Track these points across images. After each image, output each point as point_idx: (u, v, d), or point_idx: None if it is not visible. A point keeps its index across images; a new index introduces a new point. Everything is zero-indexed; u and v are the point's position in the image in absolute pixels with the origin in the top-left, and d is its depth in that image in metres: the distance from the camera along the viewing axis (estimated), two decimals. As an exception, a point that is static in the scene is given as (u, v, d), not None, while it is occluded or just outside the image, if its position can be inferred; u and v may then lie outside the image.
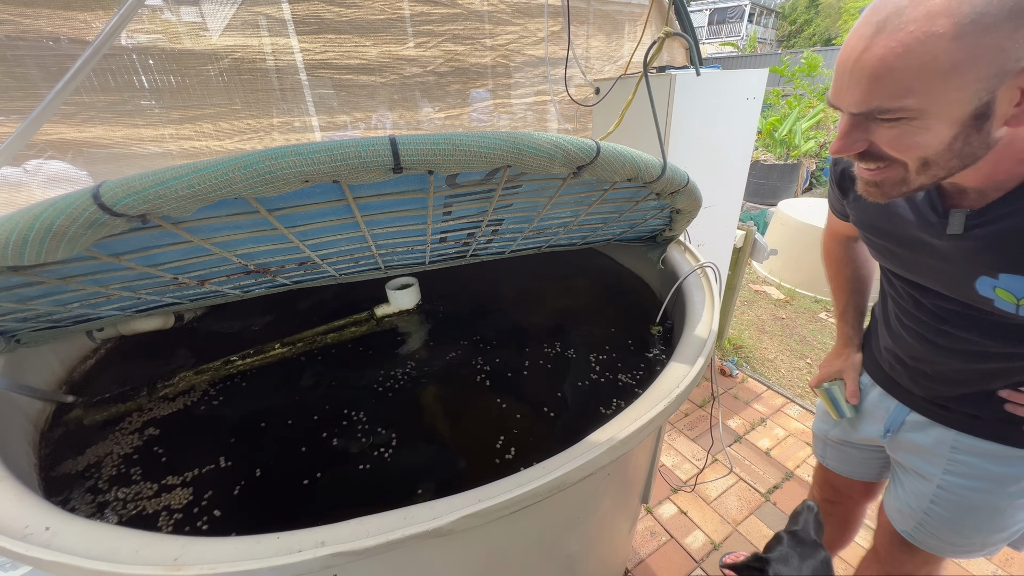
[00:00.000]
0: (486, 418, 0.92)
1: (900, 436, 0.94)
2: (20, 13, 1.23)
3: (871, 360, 1.02)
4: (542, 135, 0.56)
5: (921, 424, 0.90)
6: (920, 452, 0.91)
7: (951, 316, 0.75)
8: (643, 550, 1.69)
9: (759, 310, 3.52)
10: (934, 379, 0.84)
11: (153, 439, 0.89)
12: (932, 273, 0.74)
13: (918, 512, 0.93)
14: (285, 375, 1.08)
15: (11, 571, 1.13)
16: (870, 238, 0.84)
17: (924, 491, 0.91)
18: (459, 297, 1.41)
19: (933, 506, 0.90)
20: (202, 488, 0.78)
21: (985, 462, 0.83)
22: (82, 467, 0.82)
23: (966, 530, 0.88)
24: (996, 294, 0.65)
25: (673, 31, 1.16)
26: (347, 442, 0.87)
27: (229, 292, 1.01)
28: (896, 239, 0.77)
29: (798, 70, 7.59)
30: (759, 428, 2.27)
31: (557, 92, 2.33)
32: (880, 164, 0.59)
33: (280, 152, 0.46)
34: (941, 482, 0.88)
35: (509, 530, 0.68)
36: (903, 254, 0.78)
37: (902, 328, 0.86)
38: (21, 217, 0.44)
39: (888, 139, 0.55)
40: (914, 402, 0.91)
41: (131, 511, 0.73)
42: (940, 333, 0.78)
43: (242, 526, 0.71)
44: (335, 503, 0.75)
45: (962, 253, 0.67)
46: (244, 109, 1.62)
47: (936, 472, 0.88)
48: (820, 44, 21.35)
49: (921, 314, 0.80)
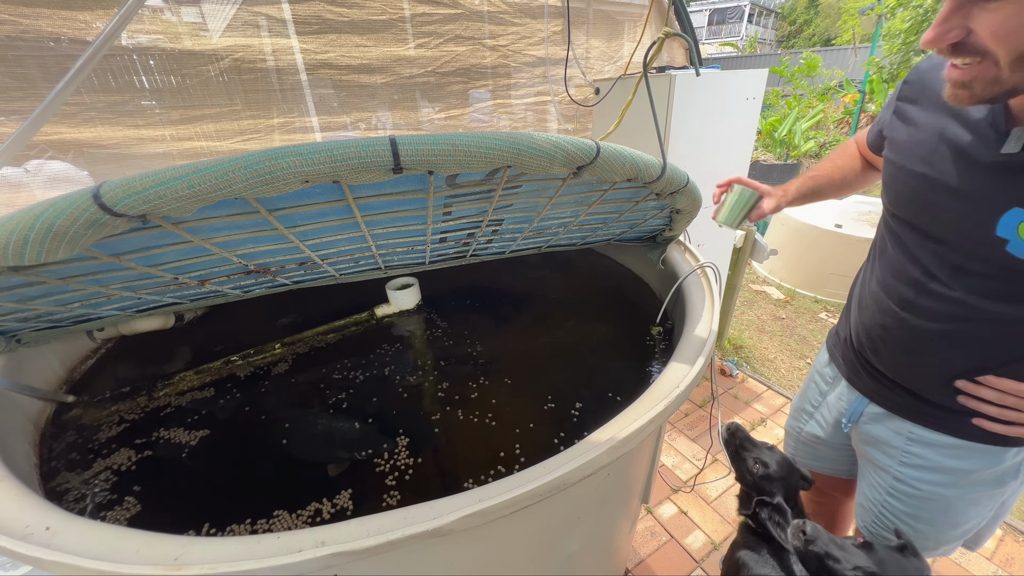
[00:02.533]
0: (486, 418, 0.92)
1: (860, 427, 0.95)
2: (20, 13, 1.23)
3: (839, 348, 1.01)
4: (542, 135, 0.56)
5: (879, 416, 0.91)
6: (878, 444, 0.92)
7: (945, 269, 0.74)
8: (643, 550, 1.69)
9: (759, 310, 3.52)
10: (898, 354, 0.83)
11: (153, 439, 0.89)
12: (948, 213, 0.72)
13: (876, 505, 0.94)
14: (285, 375, 1.08)
15: (11, 571, 1.13)
16: (899, 164, 0.81)
17: (881, 483, 0.92)
18: (459, 297, 1.41)
19: (889, 499, 0.91)
20: (202, 488, 0.78)
21: (939, 455, 0.83)
22: (82, 467, 0.82)
23: (919, 524, 0.89)
24: (1019, 232, 0.63)
25: (673, 31, 1.16)
26: (347, 442, 0.87)
27: (229, 292, 1.01)
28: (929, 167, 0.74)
29: (797, 70, 7.60)
30: (759, 428, 2.27)
31: (557, 92, 2.33)
32: (974, 59, 0.56)
33: (280, 152, 0.47)
34: (897, 474, 0.89)
35: (509, 530, 0.68)
36: (924, 189, 0.75)
37: (881, 291, 0.84)
38: (22, 217, 0.44)
39: (989, 25, 0.52)
40: (873, 391, 0.91)
41: (131, 511, 0.73)
42: (924, 292, 0.76)
43: (242, 526, 0.71)
44: (335, 503, 0.75)
45: (1000, 179, 0.65)
46: (244, 109, 1.62)
47: (893, 464, 0.89)
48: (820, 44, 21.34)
49: (911, 268, 0.79)
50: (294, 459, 0.84)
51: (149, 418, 0.94)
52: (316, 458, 0.84)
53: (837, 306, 3.52)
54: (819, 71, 7.60)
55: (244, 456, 0.86)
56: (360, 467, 0.81)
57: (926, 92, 0.77)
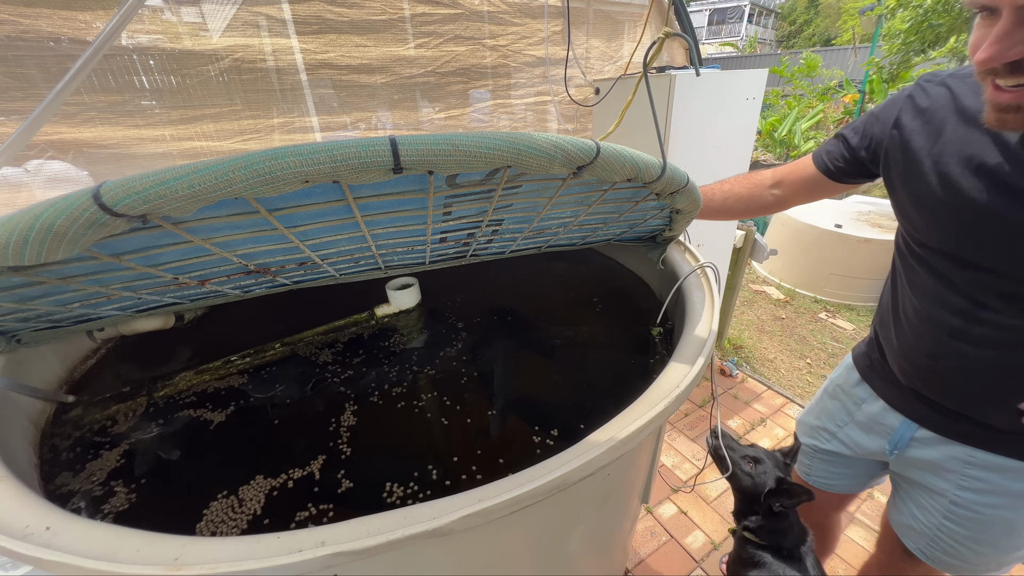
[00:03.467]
0: (486, 417, 0.92)
1: (908, 453, 0.91)
2: (20, 13, 1.23)
3: (875, 372, 0.98)
4: (542, 135, 0.56)
5: (930, 440, 0.86)
6: (930, 468, 0.88)
7: (994, 297, 0.70)
8: (643, 550, 1.69)
9: (759, 310, 3.52)
10: (952, 382, 0.79)
11: (153, 439, 0.89)
12: (995, 244, 0.68)
13: (931, 528, 0.90)
14: (285, 375, 1.08)
15: (12, 571, 1.13)
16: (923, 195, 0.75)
17: (936, 507, 0.88)
18: (459, 297, 1.41)
19: (946, 522, 0.87)
20: (202, 488, 0.78)
21: (1003, 478, 0.79)
22: (83, 467, 0.82)
23: (981, 547, 0.85)
24: None
25: (673, 31, 1.16)
26: (346, 442, 0.87)
27: (229, 292, 1.01)
28: (962, 197, 0.69)
29: (797, 70, 7.60)
30: (759, 428, 2.27)
31: (557, 92, 2.33)
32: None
33: (280, 152, 0.46)
34: (955, 498, 0.85)
35: (509, 530, 0.68)
36: (961, 219, 0.70)
37: (922, 322, 0.80)
38: (21, 217, 0.44)
39: None
40: (924, 418, 0.86)
41: (132, 511, 0.73)
42: (975, 320, 0.72)
43: (242, 526, 0.71)
44: (334, 503, 0.75)
45: None
46: (244, 109, 1.62)
47: (949, 488, 0.85)
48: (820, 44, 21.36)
49: (954, 297, 0.74)
50: (294, 459, 0.84)
51: (149, 418, 0.94)
52: (314, 458, 0.84)
53: (837, 306, 3.52)
54: (819, 71, 7.61)
55: (244, 456, 0.86)
56: (360, 467, 0.81)
57: (943, 116, 0.73)
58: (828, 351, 2.98)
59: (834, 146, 0.92)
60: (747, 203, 1.08)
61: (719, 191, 1.11)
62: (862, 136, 0.87)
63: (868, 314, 3.43)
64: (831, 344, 3.06)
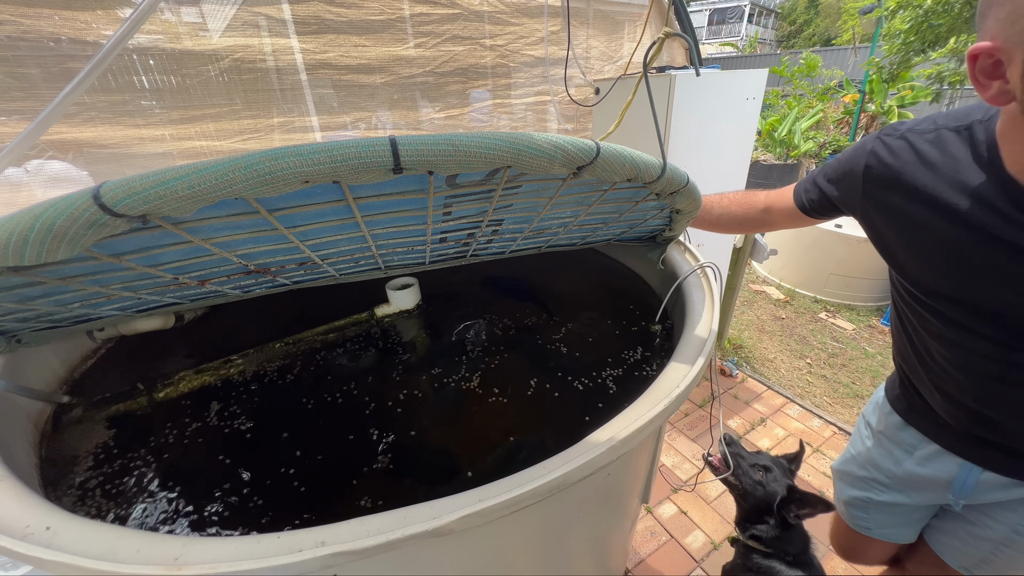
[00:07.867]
0: (486, 417, 0.92)
1: (975, 499, 0.88)
2: (21, 13, 1.23)
3: (919, 415, 0.93)
4: (542, 135, 0.56)
5: (1002, 484, 0.83)
6: (993, 506, 0.87)
7: (1018, 336, 0.68)
8: (643, 550, 1.69)
9: (759, 310, 3.52)
10: (1008, 428, 0.77)
11: (153, 439, 0.89)
12: (997, 297, 0.67)
13: (984, 552, 0.89)
14: (285, 375, 1.08)
15: (12, 571, 1.13)
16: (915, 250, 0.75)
17: (993, 535, 0.87)
18: (459, 297, 1.41)
19: (1005, 548, 0.86)
20: (202, 488, 0.78)
21: None
22: (83, 467, 0.82)
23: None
24: None
25: (673, 31, 1.16)
26: (345, 442, 0.87)
27: (229, 292, 1.01)
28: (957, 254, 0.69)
29: (797, 70, 7.60)
30: (759, 428, 2.27)
31: (557, 92, 2.33)
32: None
33: (280, 152, 0.46)
34: (1019, 527, 0.84)
35: (509, 530, 0.68)
36: (962, 273, 0.70)
37: (956, 369, 0.78)
38: (21, 217, 0.44)
39: None
40: (985, 458, 0.84)
41: (132, 511, 0.73)
42: (1009, 364, 0.70)
43: (242, 525, 0.71)
44: (334, 503, 0.75)
45: None
46: (244, 109, 1.62)
47: (1013, 517, 0.84)
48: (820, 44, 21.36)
49: (977, 342, 0.72)
50: (293, 459, 0.84)
51: (149, 418, 0.94)
52: (314, 458, 0.84)
53: (837, 306, 3.52)
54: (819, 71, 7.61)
55: (244, 455, 0.86)
56: (359, 467, 0.81)
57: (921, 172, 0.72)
58: (828, 351, 2.98)
59: (811, 186, 0.94)
60: (740, 222, 1.12)
61: (717, 206, 1.13)
62: (834, 183, 0.89)
63: (868, 314, 3.43)
64: (831, 344, 3.06)
